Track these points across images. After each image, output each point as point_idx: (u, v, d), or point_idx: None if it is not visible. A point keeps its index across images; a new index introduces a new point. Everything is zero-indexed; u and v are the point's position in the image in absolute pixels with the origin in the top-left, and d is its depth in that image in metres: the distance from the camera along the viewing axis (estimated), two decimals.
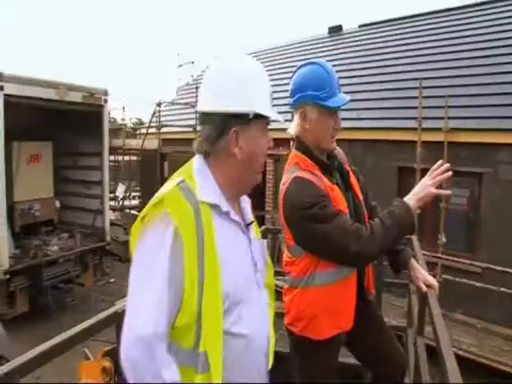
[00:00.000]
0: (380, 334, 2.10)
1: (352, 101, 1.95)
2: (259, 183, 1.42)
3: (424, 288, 1.92)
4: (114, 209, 12.11)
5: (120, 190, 12.18)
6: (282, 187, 1.85)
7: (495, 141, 6.60)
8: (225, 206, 1.26)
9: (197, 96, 11.34)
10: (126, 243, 10.16)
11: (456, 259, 6.14)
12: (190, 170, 1.30)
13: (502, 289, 6.18)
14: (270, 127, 1.37)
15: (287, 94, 1.91)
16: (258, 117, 1.29)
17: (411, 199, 1.77)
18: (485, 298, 6.42)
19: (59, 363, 1.97)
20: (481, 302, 6.48)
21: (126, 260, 9.87)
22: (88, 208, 8.07)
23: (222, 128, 1.27)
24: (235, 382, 1.23)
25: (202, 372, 1.17)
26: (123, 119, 17.65)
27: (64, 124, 7.76)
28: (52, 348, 1.52)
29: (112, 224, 9.99)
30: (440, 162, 1.83)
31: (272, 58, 13.42)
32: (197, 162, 1.32)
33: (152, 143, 10.69)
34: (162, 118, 11.81)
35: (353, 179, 2.03)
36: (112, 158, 13.66)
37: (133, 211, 12.71)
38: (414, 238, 2.95)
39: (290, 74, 1.43)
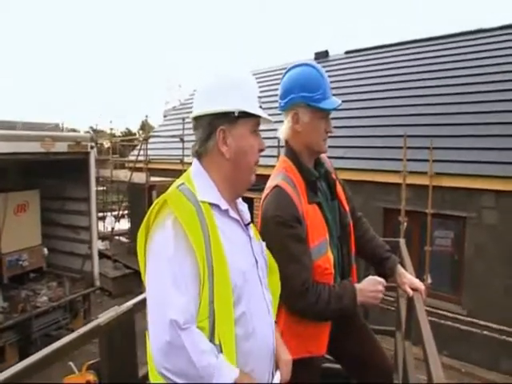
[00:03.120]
0: (362, 338, 2.10)
1: (338, 137, 1.94)
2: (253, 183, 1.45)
3: (410, 292, 1.93)
4: (102, 237, 12.05)
5: (109, 221, 12.12)
6: (265, 191, 1.85)
7: (478, 186, 6.70)
8: (223, 205, 1.32)
9: (184, 126, 11.40)
10: (115, 279, 10.15)
11: (440, 311, 6.26)
12: (188, 174, 1.37)
13: (485, 332, 6.37)
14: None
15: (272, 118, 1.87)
16: (246, 116, 1.34)
17: (359, 291, 1.78)
18: (469, 340, 6.57)
19: None
20: (466, 344, 6.62)
21: (115, 295, 9.85)
22: (77, 252, 8.04)
23: (210, 128, 1.33)
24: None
25: None
26: (112, 129, 17.58)
27: (50, 171, 7.73)
28: (32, 364, 1.46)
29: (101, 256, 9.95)
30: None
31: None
32: (193, 165, 1.39)
33: (140, 177, 10.66)
34: (150, 146, 11.80)
35: (339, 188, 2.04)
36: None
37: (122, 238, 12.66)
38: (402, 241, 2.94)
39: (274, 99, 1.45)
